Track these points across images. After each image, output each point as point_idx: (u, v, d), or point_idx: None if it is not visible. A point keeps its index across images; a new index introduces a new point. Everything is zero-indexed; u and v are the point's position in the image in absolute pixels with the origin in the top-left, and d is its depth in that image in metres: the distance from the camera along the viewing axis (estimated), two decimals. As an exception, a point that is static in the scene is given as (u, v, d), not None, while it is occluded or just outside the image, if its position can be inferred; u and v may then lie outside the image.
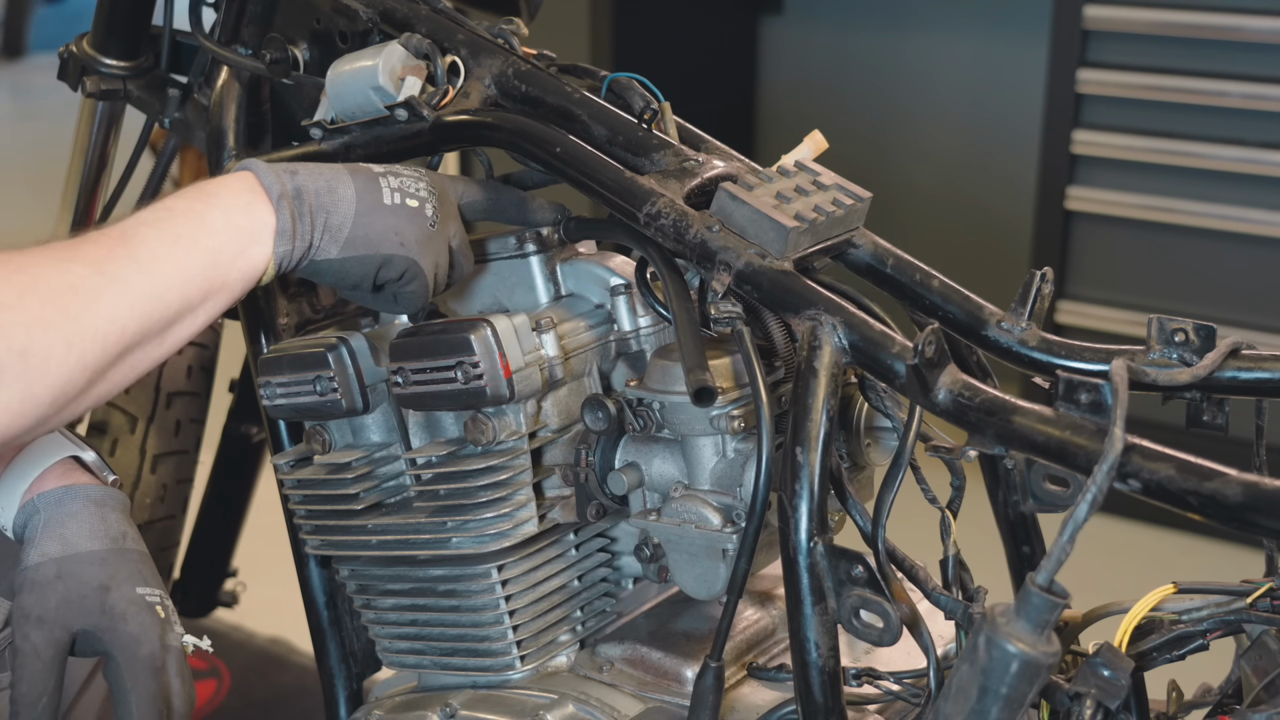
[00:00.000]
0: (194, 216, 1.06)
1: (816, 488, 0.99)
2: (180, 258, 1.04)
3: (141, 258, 1.03)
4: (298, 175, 1.11)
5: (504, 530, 1.20)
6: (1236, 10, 2.92)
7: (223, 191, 1.09)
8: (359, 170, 1.15)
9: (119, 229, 1.05)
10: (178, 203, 1.08)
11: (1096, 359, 1.10)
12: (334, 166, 1.15)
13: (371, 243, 1.12)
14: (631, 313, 1.24)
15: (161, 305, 1.03)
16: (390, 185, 1.14)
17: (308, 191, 1.11)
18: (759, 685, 1.20)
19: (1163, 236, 3.09)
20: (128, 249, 1.03)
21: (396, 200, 1.14)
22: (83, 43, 1.64)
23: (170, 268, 1.04)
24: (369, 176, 1.14)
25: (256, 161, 1.12)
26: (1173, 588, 1.07)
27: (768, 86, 4.25)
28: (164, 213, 1.07)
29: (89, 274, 1.00)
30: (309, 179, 1.12)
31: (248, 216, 1.08)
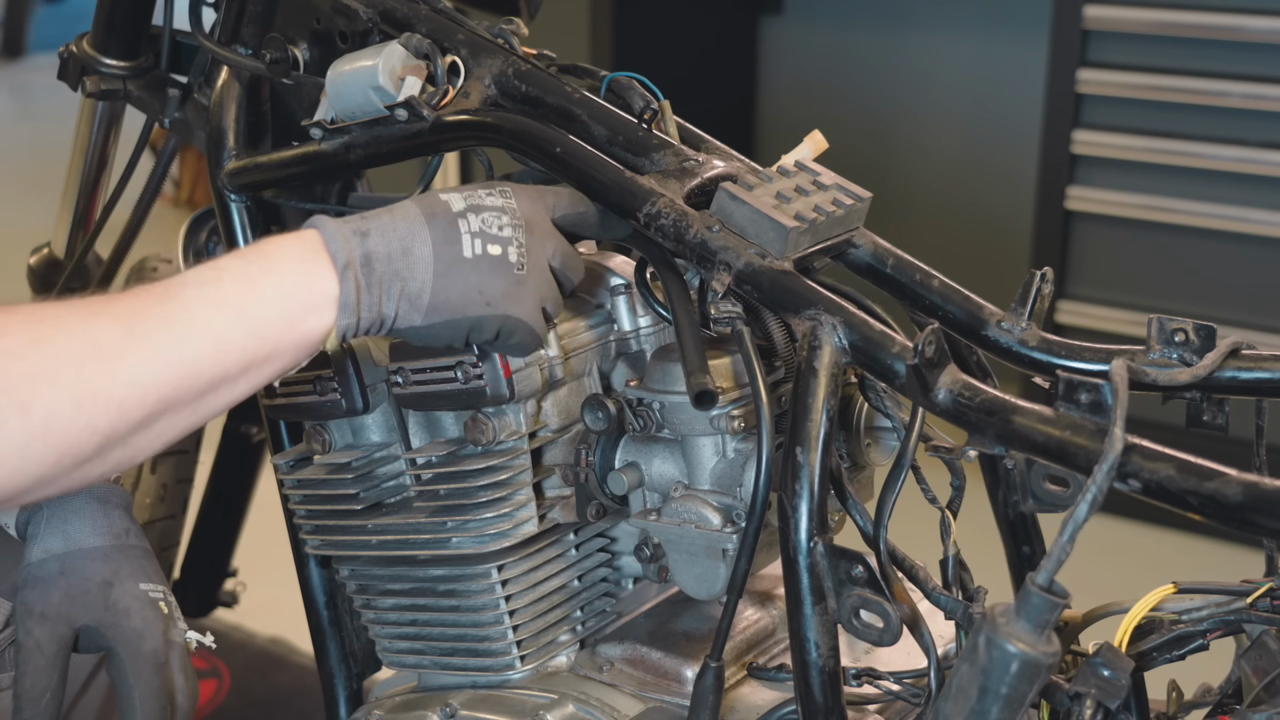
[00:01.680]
0: (245, 281, 1.00)
1: (816, 488, 0.99)
2: (220, 326, 0.98)
3: (176, 321, 0.96)
4: (369, 239, 1.04)
5: (504, 530, 1.20)
6: (1236, 10, 2.92)
7: (282, 255, 1.02)
8: (436, 213, 1.06)
9: (163, 286, 0.99)
10: (231, 262, 1.01)
11: (1096, 359, 1.10)
12: (409, 213, 1.06)
13: (455, 307, 1.06)
14: (631, 313, 1.24)
15: (192, 374, 0.97)
16: (470, 229, 1.06)
17: (378, 258, 1.03)
18: (759, 685, 1.20)
19: (1163, 236, 3.09)
20: (164, 309, 0.97)
21: (478, 250, 1.05)
22: (83, 43, 1.64)
23: (207, 335, 0.97)
24: (447, 223, 1.06)
25: (326, 221, 1.05)
26: (1173, 588, 1.07)
27: (768, 86, 4.25)
28: (213, 273, 1.00)
29: (116, 332, 0.94)
30: (381, 241, 1.04)
31: (306, 286, 1.01)
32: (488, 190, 1.09)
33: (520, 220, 1.09)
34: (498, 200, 1.09)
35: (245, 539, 2.23)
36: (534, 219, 1.10)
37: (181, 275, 1.01)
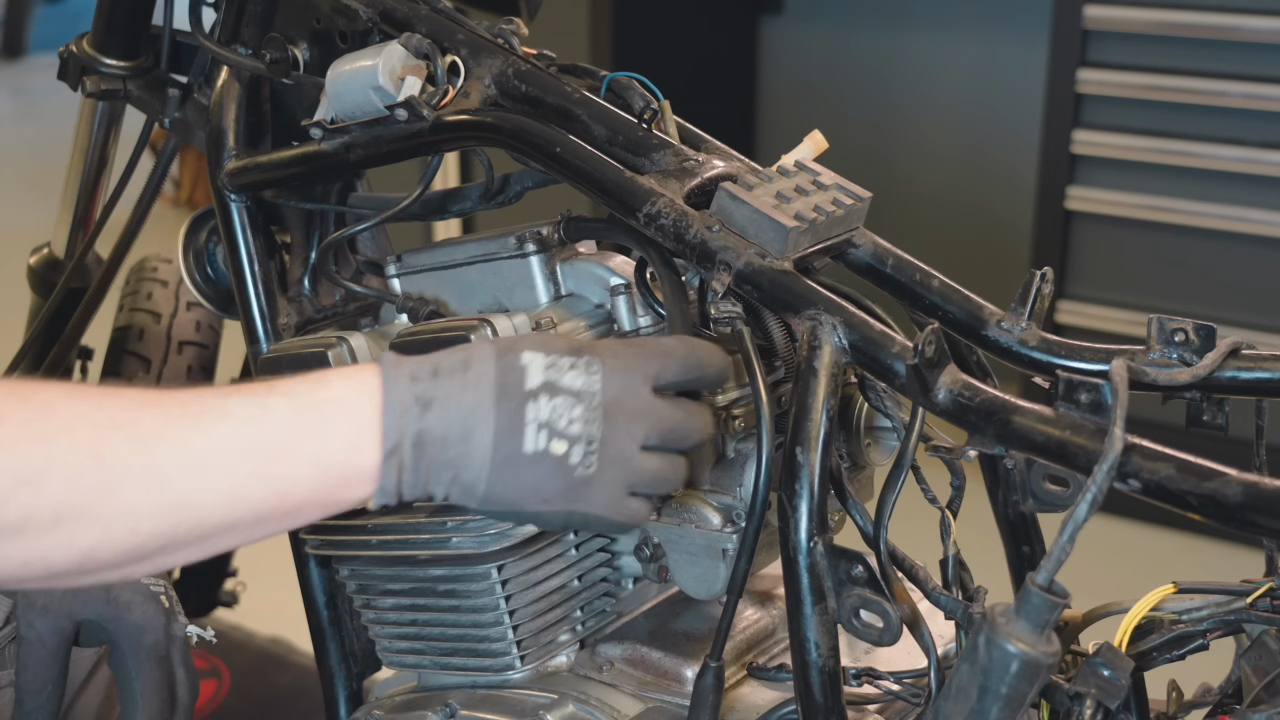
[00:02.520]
0: (285, 436, 0.90)
1: (816, 488, 0.99)
2: (243, 476, 0.89)
3: (196, 457, 0.87)
4: (430, 411, 0.93)
5: (504, 530, 1.20)
6: (1236, 10, 2.92)
7: (335, 411, 0.91)
8: (508, 388, 0.94)
9: (200, 403, 0.89)
10: (281, 404, 0.90)
11: (1096, 359, 1.10)
12: (481, 381, 0.94)
13: (511, 501, 0.96)
14: (631, 313, 1.24)
15: (196, 518, 0.88)
16: (539, 417, 0.94)
17: (433, 439, 0.93)
18: (759, 685, 1.20)
19: (1163, 236, 3.09)
20: (186, 438, 0.87)
21: (540, 446, 0.94)
22: (83, 43, 1.64)
23: (225, 483, 0.88)
24: (516, 406, 0.94)
25: (392, 374, 0.93)
26: (1173, 588, 1.07)
27: (768, 86, 4.25)
28: (258, 409, 0.90)
29: (126, 451, 0.85)
30: (442, 418, 0.93)
31: (347, 457, 0.92)
32: (572, 361, 0.96)
33: (598, 410, 0.96)
34: (579, 380, 0.96)
35: (245, 539, 2.23)
36: (623, 399, 0.97)
37: (226, 394, 0.90)
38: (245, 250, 1.37)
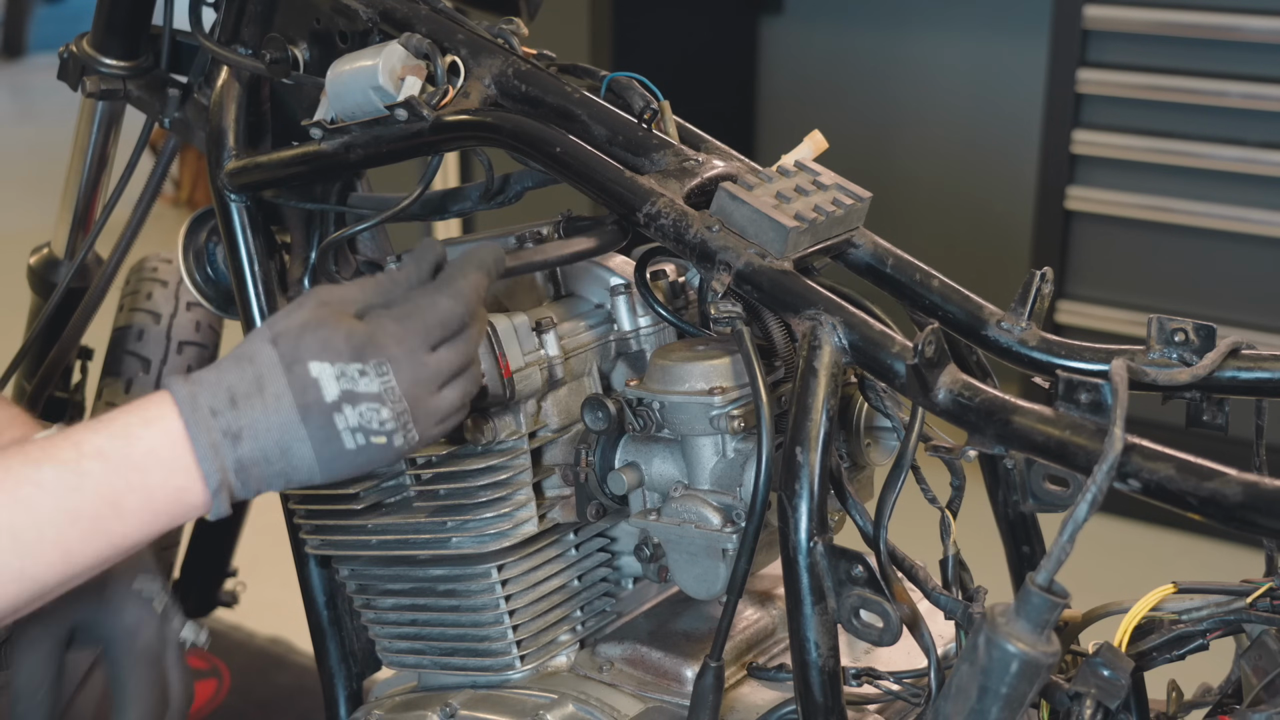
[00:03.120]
0: (108, 494, 0.91)
1: (816, 488, 0.99)
2: (73, 539, 0.91)
3: (21, 534, 0.89)
4: (241, 443, 0.95)
5: (504, 530, 1.20)
6: (1236, 10, 2.92)
7: (149, 463, 0.93)
8: (310, 406, 0.96)
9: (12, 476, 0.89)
10: (93, 465, 0.91)
11: (1096, 359, 1.10)
12: (280, 402, 0.95)
13: (350, 476, 1.01)
14: (631, 313, 1.24)
15: (33, 586, 0.91)
16: (349, 424, 0.96)
17: (254, 463, 0.96)
18: (759, 685, 1.20)
19: (1163, 236, 3.09)
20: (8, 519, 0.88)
21: (361, 442, 0.97)
22: (83, 43, 1.64)
23: (57, 549, 0.91)
24: (323, 419, 0.96)
25: (191, 419, 0.94)
26: (1173, 588, 1.07)
27: (768, 86, 4.25)
28: (73, 475, 0.91)
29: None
30: (255, 445, 0.95)
31: (176, 502, 0.95)
32: (360, 367, 0.97)
33: (401, 401, 0.98)
34: (375, 385, 0.97)
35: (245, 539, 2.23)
36: (417, 375, 0.99)
37: (37, 463, 0.91)
38: (245, 250, 1.37)
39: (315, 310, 0.99)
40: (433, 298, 1.02)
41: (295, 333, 0.97)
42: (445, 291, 1.02)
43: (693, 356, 1.13)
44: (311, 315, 0.98)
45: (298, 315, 0.99)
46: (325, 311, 0.99)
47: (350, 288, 1.02)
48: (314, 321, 0.98)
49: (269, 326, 0.99)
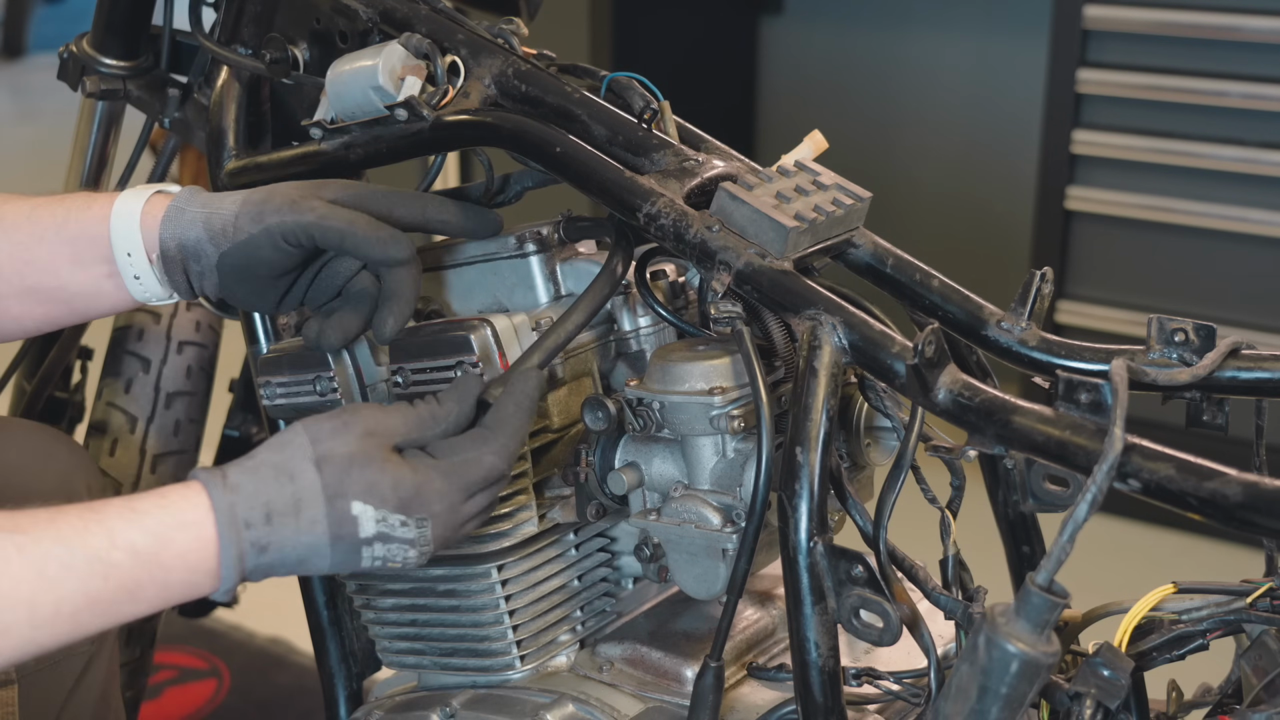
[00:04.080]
0: (129, 586, 0.95)
1: (816, 488, 0.99)
2: (86, 620, 0.94)
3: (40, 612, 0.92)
4: (266, 554, 0.98)
5: (504, 530, 1.20)
6: (1236, 10, 2.91)
7: (174, 563, 0.96)
8: (342, 537, 0.99)
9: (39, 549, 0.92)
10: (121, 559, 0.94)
11: (1096, 359, 1.10)
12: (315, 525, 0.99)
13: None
14: (631, 313, 1.24)
15: (35, 652, 0.94)
16: (374, 555, 1.01)
17: (270, 569, 1.00)
18: (759, 685, 1.20)
19: (1163, 236, 3.09)
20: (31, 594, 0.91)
21: (378, 565, 1.02)
22: (83, 43, 1.64)
23: (69, 626, 0.94)
24: (350, 549, 1.00)
25: (224, 523, 0.97)
26: (1173, 588, 1.07)
27: (768, 86, 4.25)
28: (100, 564, 0.93)
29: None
30: (277, 557, 0.99)
31: (189, 591, 0.98)
32: (403, 519, 1.00)
33: (430, 544, 1.02)
34: (411, 533, 1.01)
35: (245, 539, 2.23)
36: (450, 529, 1.03)
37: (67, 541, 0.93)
38: (245, 250, 1.37)
39: (362, 443, 1.01)
40: (479, 453, 1.04)
41: (341, 464, 1.00)
42: (492, 448, 1.04)
43: (693, 356, 1.13)
44: (359, 449, 1.00)
45: (343, 441, 1.00)
46: (372, 446, 1.01)
47: (394, 416, 1.04)
48: (361, 457, 1.00)
49: (313, 443, 1.00)
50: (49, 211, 1.21)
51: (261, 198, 1.14)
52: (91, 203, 1.20)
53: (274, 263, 1.14)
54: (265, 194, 1.15)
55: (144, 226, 1.18)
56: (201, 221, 1.15)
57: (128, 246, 1.18)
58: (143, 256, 1.18)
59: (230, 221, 1.14)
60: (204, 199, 1.17)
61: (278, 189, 1.16)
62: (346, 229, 1.11)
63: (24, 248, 1.20)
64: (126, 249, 1.18)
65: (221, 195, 1.17)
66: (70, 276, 1.21)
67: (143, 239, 1.18)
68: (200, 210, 1.16)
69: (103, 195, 1.22)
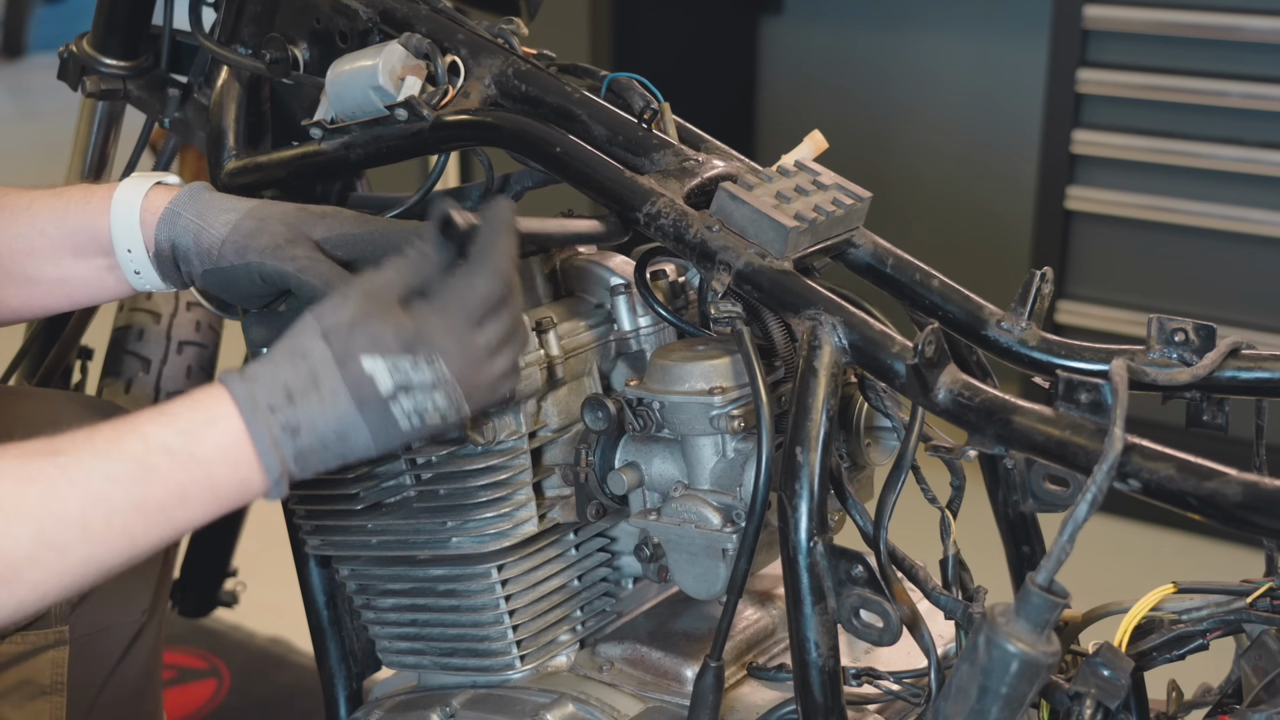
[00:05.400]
0: (175, 489, 0.96)
1: (816, 488, 0.99)
2: (139, 528, 0.95)
3: (93, 525, 0.93)
4: (300, 436, 0.98)
5: (504, 530, 1.20)
6: (1236, 10, 2.91)
7: (215, 458, 0.97)
8: (366, 400, 0.99)
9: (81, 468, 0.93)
10: (161, 460, 0.95)
11: (1096, 359, 1.10)
12: (337, 396, 0.99)
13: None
14: (631, 313, 1.24)
15: (98, 569, 0.95)
16: (405, 411, 1.00)
17: (312, 451, 1.00)
18: (759, 685, 1.20)
19: (1163, 236, 3.09)
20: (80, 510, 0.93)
21: (416, 424, 1.01)
22: (83, 43, 1.64)
23: (124, 537, 0.95)
24: (381, 410, 0.99)
25: (251, 414, 0.98)
26: (1173, 588, 1.07)
27: (768, 86, 4.25)
28: (140, 469, 0.95)
29: (25, 539, 0.91)
30: (314, 437, 0.99)
31: (239, 490, 0.99)
32: (412, 360, 1.00)
33: (455, 386, 1.02)
34: (427, 374, 1.00)
35: (245, 539, 2.23)
36: (466, 355, 1.02)
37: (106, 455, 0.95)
38: (245, 250, 1.37)
39: (361, 304, 1.01)
40: (471, 281, 1.03)
41: (345, 329, 1.00)
42: (482, 272, 1.04)
43: (693, 356, 1.13)
44: (359, 309, 1.01)
45: (345, 309, 1.01)
46: (371, 304, 1.01)
47: (387, 271, 1.04)
48: (361, 316, 1.00)
49: (317, 320, 1.01)
50: (48, 204, 1.21)
51: (251, 229, 1.14)
52: (91, 195, 1.21)
53: (251, 293, 1.17)
54: (255, 225, 1.15)
55: (143, 223, 1.19)
56: (192, 233, 1.17)
57: (128, 242, 1.19)
58: (142, 252, 1.19)
59: (216, 245, 1.16)
60: (199, 207, 1.18)
61: (270, 220, 1.15)
62: (320, 288, 1.12)
63: (23, 238, 1.21)
64: (126, 244, 1.19)
65: (217, 207, 1.18)
66: (70, 268, 1.22)
67: (142, 235, 1.19)
68: (193, 220, 1.17)
69: (101, 187, 1.22)
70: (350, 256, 1.16)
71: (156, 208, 1.18)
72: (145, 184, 1.20)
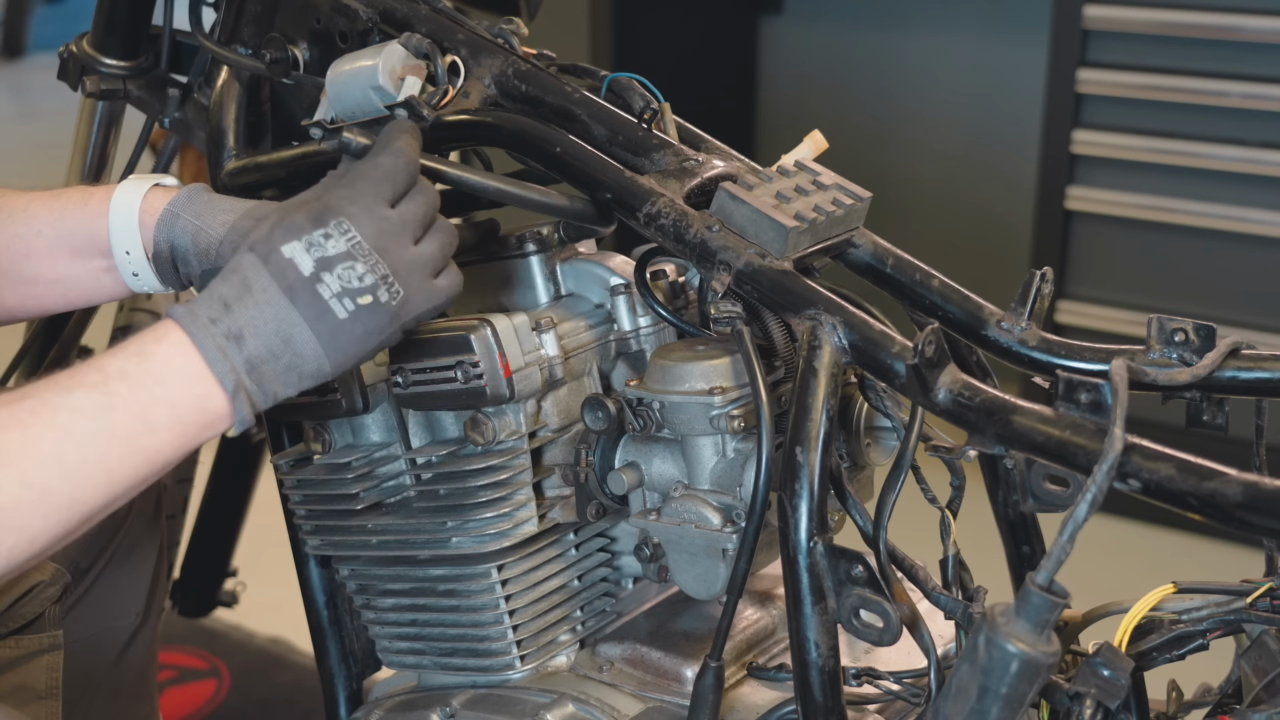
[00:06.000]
0: (137, 411, 0.97)
1: (816, 488, 0.99)
2: (114, 459, 0.96)
3: (68, 461, 0.94)
4: (245, 343, 1.00)
5: (504, 530, 1.20)
6: (1236, 10, 2.92)
7: (170, 376, 0.99)
8: (293, 286, 1.01)
9: (47, 408, 0.95)
10: (119, 386, 0.97)
11: (1096, 359, 1.10)
12: (267, 292, 1.01)
13: (354, 356, 1.04)
14: (631, 312, 1.24)
15: (82, 511, 0.96)
16: (333, 290, 1.01)
17: (262, 360, 1.01)
18: (759, 685, 1.20)
19: (1163, 236, 3.09)
20: (54, 447, 0.94)
21: (351, 308, 1.01)
22: (83, 42, 1.64)
23: (100, 471, 0.96)
24: (309, 295, 1.01)
25: (194, 328, 1.00)
26: (1173, 588, 1.07)
27: (768, 86, 4.25)
28: (103, 398, 0.96)
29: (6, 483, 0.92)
30: (258, 341, 1.00)
31: (200, 410, 1.00)
32: (324, 231, 1.02)
33: (372, 254, 1.03)
34: (341, 244, 1.02)
35: (245, 539, 2.23)
36: (381, 227, 1.04)
37: (69, 390, 0.96)
38: (245, 250, 1.37)
39: (278, 209, 1.07)
40: (371, 160, 1.08)
41: (266, 232, 1.04)
42: (381, 152, 1.08)
43: (693, 356, 1.13)
44: (275, 212, 1.06)
45: (266, 221, 1.06)
46: (287, 205, 1.07)
47: (306, 191, 1.09)
48: (277, 215, 1.05)
49: (243, 238, 1.06)
50: (45, 205, 1.22)
51: (247, 227, 1.15)
52: (89, 197, 1.21)
53: None
54: (252, 224, 1.15)
55: (142, 224, 1.19)
56: (190, 234, 1.17)
57: (126, 245, 1.19)
58: (141, 255, 1.20)
59: (214, 244, 1.16)
60: (197, 208, 1.18)
61: (266, 220, 1.14)
62: None
63: (20, 239, 1.21)
64: (125, 247, 1.19)
65: (214, 208, 1.18)
66: (67, 269, 1.22)
67: (140, 237, 1.19)
68: (191, 221, 1.17)
69: (99, 189, 1.22)
70: None
71: (155, 209, 1.19)
72: (143, 186, 1.21)
